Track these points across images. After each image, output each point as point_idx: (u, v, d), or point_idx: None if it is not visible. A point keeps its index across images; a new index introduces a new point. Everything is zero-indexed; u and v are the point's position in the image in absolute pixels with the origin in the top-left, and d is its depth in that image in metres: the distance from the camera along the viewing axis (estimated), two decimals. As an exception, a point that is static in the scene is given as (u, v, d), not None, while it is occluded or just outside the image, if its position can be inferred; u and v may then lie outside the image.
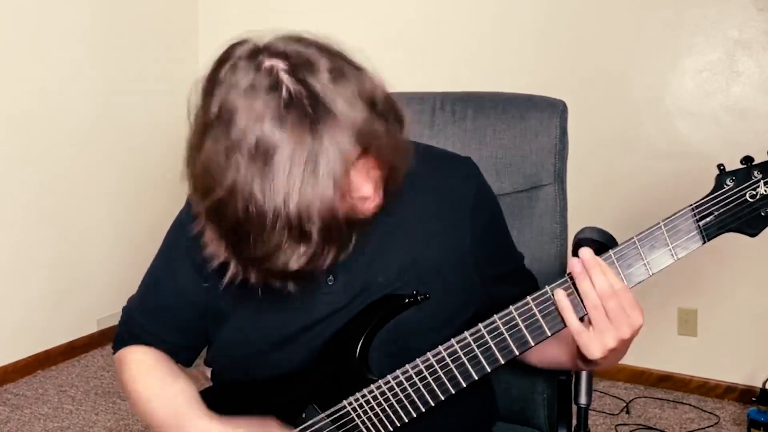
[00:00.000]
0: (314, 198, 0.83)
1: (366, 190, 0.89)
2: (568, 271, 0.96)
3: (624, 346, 0.96)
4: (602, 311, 0.93)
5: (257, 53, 0.88)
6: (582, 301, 0.94)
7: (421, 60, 3.28)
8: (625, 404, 2.86)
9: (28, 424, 2.71)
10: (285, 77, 0.85)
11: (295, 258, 0.87)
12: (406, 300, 1.02)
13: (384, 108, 0.89)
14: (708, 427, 2.70)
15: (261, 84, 0.85)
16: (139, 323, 1.18)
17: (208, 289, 1.11)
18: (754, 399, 2.58)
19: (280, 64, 0.86)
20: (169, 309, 1.16)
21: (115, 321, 1.24)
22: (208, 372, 1.22)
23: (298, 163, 0.82)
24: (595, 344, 0.94)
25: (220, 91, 0.86)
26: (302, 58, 0.87)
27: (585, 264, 0.93)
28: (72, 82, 3.24)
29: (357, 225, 0.92)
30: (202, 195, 0.89)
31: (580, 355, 0.99)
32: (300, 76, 0.85)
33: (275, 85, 0.84)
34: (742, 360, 2.86)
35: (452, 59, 3.25)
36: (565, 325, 0.97)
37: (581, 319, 0.95)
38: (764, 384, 2.58)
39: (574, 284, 0.95)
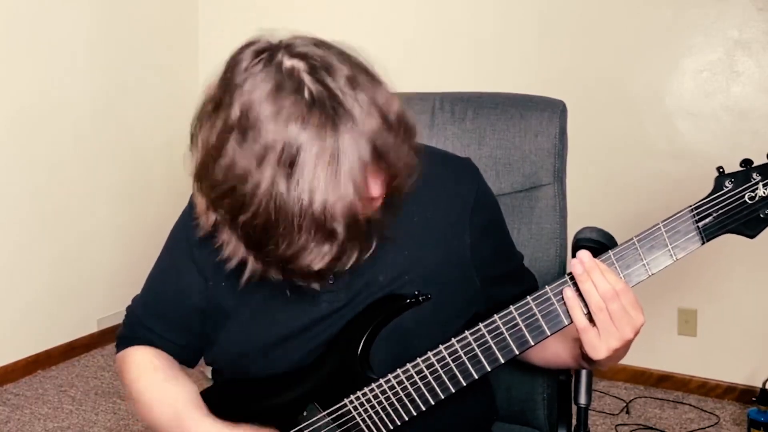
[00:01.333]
0: (337, 198, 0.83)
1: (374, 191, 0.89)
2: (568, 272, 0.96)
3: (626, 345, 0.97)
4: (606, 313, 0.94)
5: (275, 54, 0.87)
6: (585, 302, 0.95)
7: (421, 60, 3.29)
8: (625, 404, 2.86)
9: (28, 424, 2.71)
10: (306, 78, 0.84)
11: (320, 258, 0.87)
12: (408, 300, 1.03)
13: (396, 122, 0.88)
14: (708, 427, 2.70)
15: (283, 86, 0.84)
16: (142, 323, 1.19)
17: (210, 288, 1.11)
18: (754, 399, 2.58)
19: (300, 65, 0.85)
20: (173, 308, 1.16)
21: (115, 321, 1.25)
22: (209, 372, 1.22)
23: (322, 163, 0.82)
24: (600, 345, 0.95)
25: (239, 94, 0.85)
26: (321, 60, 0.86)
27: (584, 266, 0.94)
28: (72, 82, 3.24)
29: (375, 226, 0.92)
30: (220, 199, 0.88)
31: (583, 355, 1.00)
32: (320, 77, 0.85)
33: (298, 87, 0.84)
34: (742, 360, 2.86)
35: (452, 59, 3.26)
36: (566, 325, 0.97)
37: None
38: (764, 384, 2.58)
39: (575, 284, 0.95)
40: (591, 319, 0.95)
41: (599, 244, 1.11)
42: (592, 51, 3.00)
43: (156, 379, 1.13)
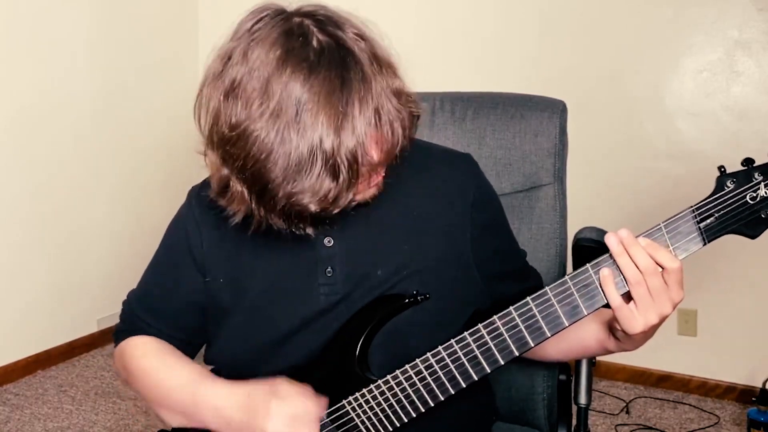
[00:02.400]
0: (343, 141, 0.86)
1: (374, 156, 0.91)
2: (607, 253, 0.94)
3: (661, 321, 0.96)
4: (644, 286, 0.92)
5: (283, 12, 0.91)
6: (624, 276, 0.93)
7: (421, 60, 3.28)
8: (625, 404, 2.86)
9: (28, 424, 2.71)
10: (315, 29, 0.89)
11: (319, 199, 0.89)
12: (407, 300, 1.02)
13: (401, 88, 0.92)
14: (708, 427, 2.70)
15: (292, 33, 0.88)
16: (140, 318, 1.19)
17: (207, 284, 1.11)
18: (754, 399, 2.58)
19: (308, 20, 0.90)
20: (170, 304, 1.16)
21: (115, 321, 1.25)
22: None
23: (332, 106, 0.85)
24: (637, 319, 0.94)
25: (247, 45, 0.89)
26: (330, 18, 0.91)
27: (623, 241, 0.92)
28: (71, 81, 3.24)
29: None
30: (231, 146, 0.90)
31: (614, 335, 1.01)
32: (328, 30, 0.89)
33: (306, 36, 0.88)
34: (742, 360, 2.86)
35: (453, 59, 3.26)
36: (566, 326, 0.97)
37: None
38: (764, 384, 2.58)
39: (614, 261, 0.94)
40: (625, 297, 0.94)
41: (599, 244, 1.11)
42: (592, 51, 3.00)
43: (163, 356, 1.13)
